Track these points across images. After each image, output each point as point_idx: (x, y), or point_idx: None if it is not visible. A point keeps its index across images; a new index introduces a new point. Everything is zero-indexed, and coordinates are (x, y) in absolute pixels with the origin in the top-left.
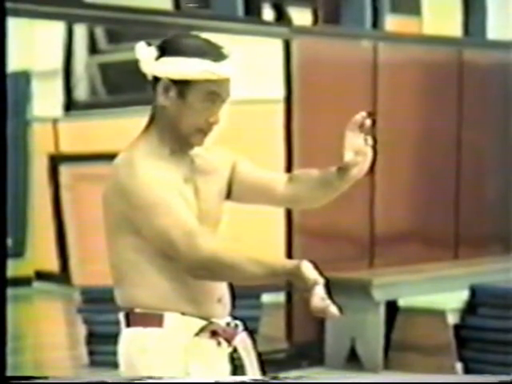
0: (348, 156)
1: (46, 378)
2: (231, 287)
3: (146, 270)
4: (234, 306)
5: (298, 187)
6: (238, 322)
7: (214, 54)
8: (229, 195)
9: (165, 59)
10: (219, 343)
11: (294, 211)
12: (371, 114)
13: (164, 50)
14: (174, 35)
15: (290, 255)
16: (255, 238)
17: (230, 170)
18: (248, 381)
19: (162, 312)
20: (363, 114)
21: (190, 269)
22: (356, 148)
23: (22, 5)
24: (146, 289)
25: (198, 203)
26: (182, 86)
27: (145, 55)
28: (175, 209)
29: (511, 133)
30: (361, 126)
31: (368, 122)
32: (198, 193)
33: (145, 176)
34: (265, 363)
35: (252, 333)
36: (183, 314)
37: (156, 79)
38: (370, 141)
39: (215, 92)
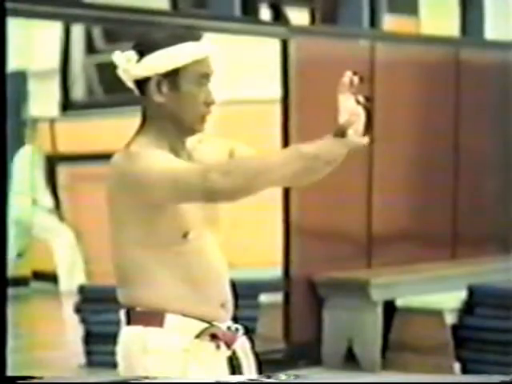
0: (342, 118)
1: (47, 378)
2: (232, 288)
3: (151, 269)
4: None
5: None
6: (238, 326)
7: (189, 36)
8: None
9: (148, 57)
10: (218, 346)
11: (292, 210)
12: (356, 73)
13: (141, 50)
14: (142, 34)
15: (287, 255)
16: (252, 238)
17: (228, 158)
18: (246, 381)
19: (164, 312)
20: (349, 73)
21: (226, 192)
22: (349, 110)
23: (20, 5)
24: (150, 288)
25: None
26: (172, 77)
27: (125, 61)
28: (182, 163)
29: (509, 132)
30: (350, 86)
31: (355, 79)
32: None
33: (148, 160)
34: (262, 363)
35: (250, 333)
36: (185, 315)
37: (139, 82)
38: (361, 99)
39: (204, 72)
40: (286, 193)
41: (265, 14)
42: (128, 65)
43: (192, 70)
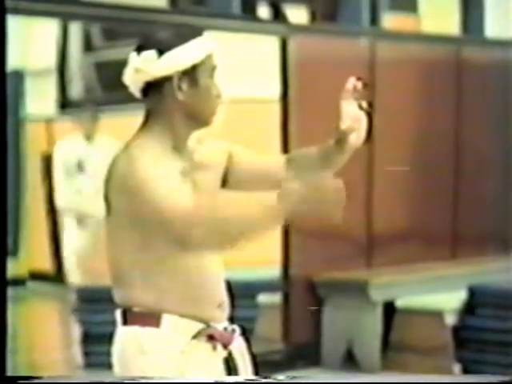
0: (344, 124)
1: (46, 378)
2: (229, 287)
3: (147, 270)
4: (230, 306)
5: (299, 168)
6: (235, 327)
7: (194, 32)
8: (224, 184)
9: (166, 56)
10: (215, 347)
11: None
12: (360, 78)
13: (159, 49)
14: (149, 34)
15: (286, 255)
16: None
17: (227, 160)
18: (243, 381)
19: (161, 312)
20: (353, 79)
21: (198, 239)
22: (351, 116)
23: (19, 2)
24: (146, 289)
25: (196, 197)
26: (191, 73)
27: (143, 61)
28: (172, 198)
29: (510, 131)
30: (353, 92)
31: (359, 85)
32: (195, 187)
33: (144, 172)
34: (261, 364)
35: (248, 333)
36: (182, 316)
37: (149, 84)
38: (364, 104)
39: (214, 66)
40: None
41: (264, 11)
42: (145, 64)
43: (206, 65)
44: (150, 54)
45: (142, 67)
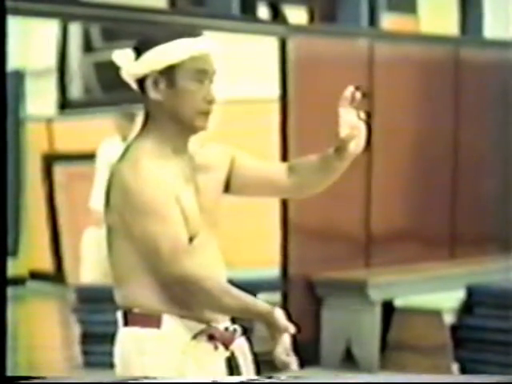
0: (343, 132)
1: (46, 378)
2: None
3: (147, 272)
4: None
5: (300, 175)
6: (236, 327)
7: (188, 33)
8: (227, 188)
9: (145, 55)
10: (216, 347)
11: (289, 210)
12: (359, 88)
13: (139, 49)
14: (143, 33)
15: (285, 254)
16: (251, 237)
17: (229, 165)
18: (244, 381)
19: (161, 313)
20: (351, 88)
21: (166, 282)
22: (350, 123)
23: (19, 3)
24: (146, 290)
25: (199, 200)
26: (169, 74)
27: (123, 59)
28: (170, 221)
29: (508, 131)
30: (352, 101)
31: (358, 95)
32: (198, 191)
33: (148, 179)
34: (261, 364)
35: (248, 333)
36: (182, 316)
37: (140, 81)
38: (362, 115)
39: (202, 69)
40: None
41: (263, 12)
42: (126, 63)
43: (189, 67)
44: (128, 52)
45: (122, 65)
